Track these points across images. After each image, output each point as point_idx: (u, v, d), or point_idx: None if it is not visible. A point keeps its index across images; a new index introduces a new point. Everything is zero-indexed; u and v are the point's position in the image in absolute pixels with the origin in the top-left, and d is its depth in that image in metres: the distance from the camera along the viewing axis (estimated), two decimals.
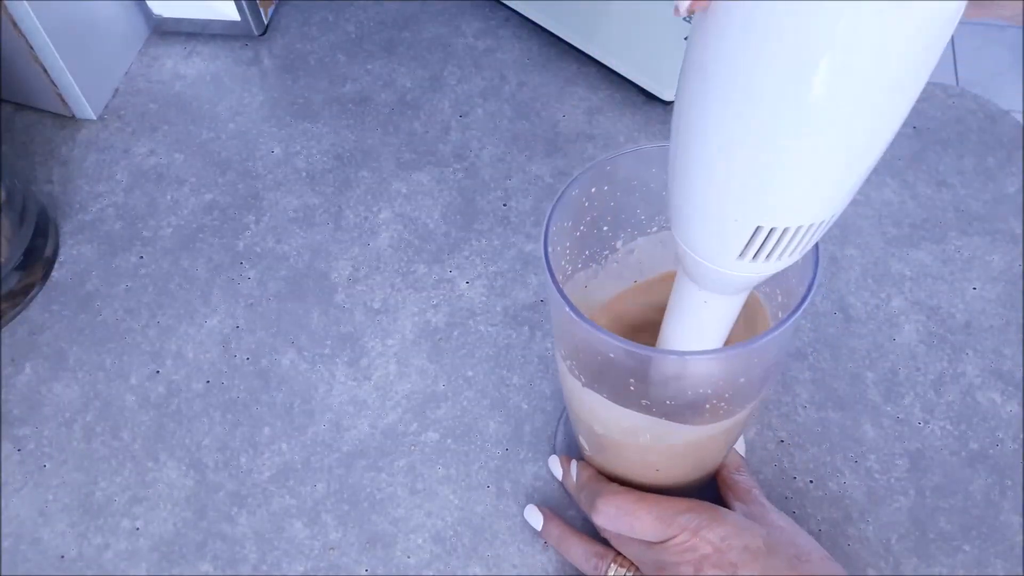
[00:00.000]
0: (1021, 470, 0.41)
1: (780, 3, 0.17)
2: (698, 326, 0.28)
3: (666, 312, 0.30)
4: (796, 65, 0.18)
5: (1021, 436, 0.42)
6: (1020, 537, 0.39)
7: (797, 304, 0.26)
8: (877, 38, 0.17)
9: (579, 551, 0.37)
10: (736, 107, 0.20)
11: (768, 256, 0.23)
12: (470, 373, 0.46)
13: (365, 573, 0.40)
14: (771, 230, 0.22)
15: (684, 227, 0.24)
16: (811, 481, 0.41)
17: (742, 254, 0.23)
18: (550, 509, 0.40)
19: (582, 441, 0.36)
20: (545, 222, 0.28)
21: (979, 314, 0.46)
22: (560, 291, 0.27)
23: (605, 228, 0.33)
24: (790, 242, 0.23)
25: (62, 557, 0.41)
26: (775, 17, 0.17)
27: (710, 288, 0.26)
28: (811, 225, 0.22)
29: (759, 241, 0.22)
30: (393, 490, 0.42)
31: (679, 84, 0.21)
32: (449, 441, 0.43)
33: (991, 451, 0.42)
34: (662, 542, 0.33)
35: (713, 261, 0.24)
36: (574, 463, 0.38)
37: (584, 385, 0.30)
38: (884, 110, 0.19)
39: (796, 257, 0.24)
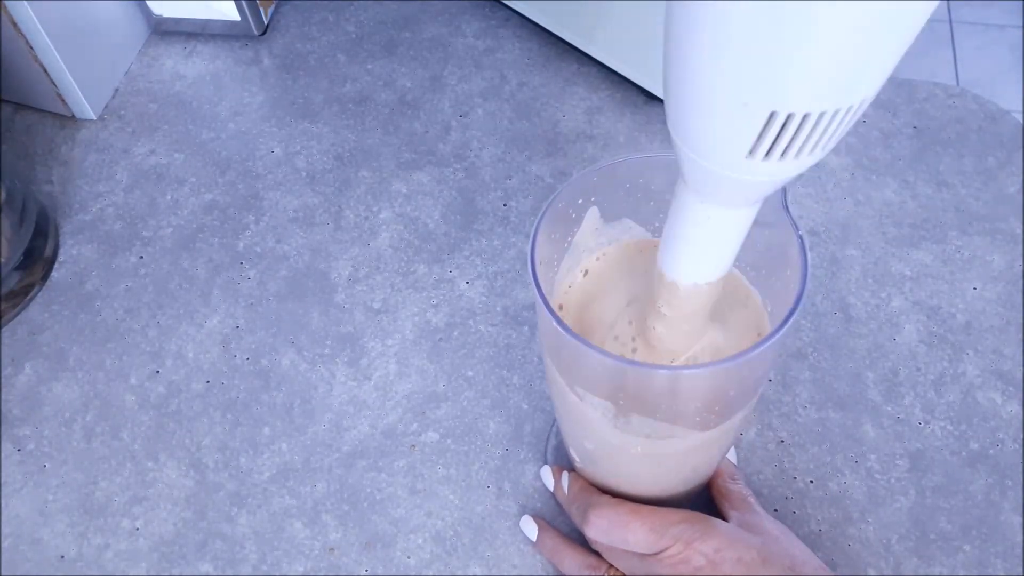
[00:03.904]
0: (1021, 470, 0.41)
1: None
2: (701, 248, 0.25)
3: (663, 235, 0.26)
4: None
5: (1021, 436, 0.42)
6: (1020, 537, 0.39)
7: (785, 318, 0.25)
8: None
9: (572, 563, 0.37)
10: None
11: (784, 153, 0.20)
12: (470, 373, 0.46)
13: (365, 573, 0.40)
14: (788, 117, 0.19)
15: (685, 121, 0.21)
16: (811, 481, 0.41)
17: (753, 150, 0.20)
18: (545, 520, 0.40)
19: (573, 453, 0.36)
20: (531, 238, 0.28)
21: (979, 314, 0.46)
22: (547, 304, 0.26)
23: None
24: (810, 134, 0.19)
25: (62, 557, 0.41)
26: None
27: (715, 200, 0.23)
28: (836, 111, 0.19)
29: (773, 132, 0.19)
30: (393, 490, 0.42)
31: None
32: (449, 441, 0.43)
33: (991, 451, 0.42)
34: (655, 554, 0.32)
35: (720, 162, 0.21)
36: (565, 474, 0.38)
37: (573, 399, 0.30)
38: None
39: (816, 156, 0.20)
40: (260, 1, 0.62)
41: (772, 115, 0.19)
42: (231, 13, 0.61)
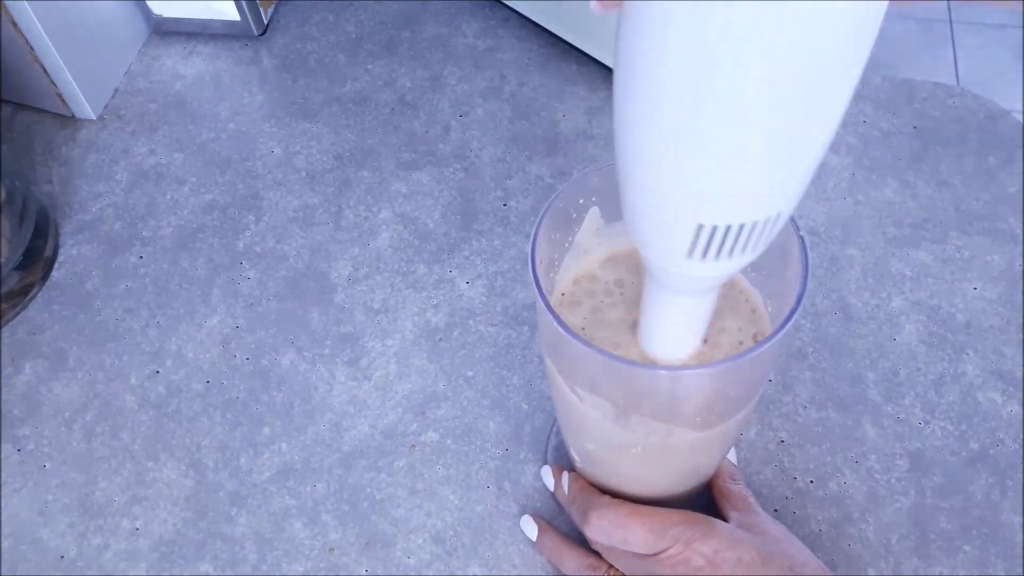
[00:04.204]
0: (1021, 470, 0.41)
1: (676, 3, 0.17)
2: (671, 327, 0.28)
3: (640, 311, 0.29)
4: (706, 62, 0.17)
5: (1021, 436, 0.42)
6: (1020, 537, 0.39)
7: (785, 318, 0.25)
8: (793, 32, 0.16)
9: (572, 563, 0.37)
10: (658, 104, 0.19)
11: (718, 254, 0.22)
12: (470, 373, 0.46)
13: (365, 573, 0.40)
14: (714, 228, 0.21)
15: (633, 226, 0.24)
16: (812, 481, 0.41)
17: (690, 253, 0.22)
18: (545, 520, 0.40)
19: (573, 453, 0.36)
20: (532, 238, 0.28)
21: (979, 314, 0.46)
22: (547, 304, 0.26)
23: None
24: (737, 240, 0.21)
25: (62, 557, 0.41)
26: (675, 16, 0.17)
27: (672, 289, 0.25)
28: (755, 223, 0.21)
29: (704, 239, 0.21)
30: (393, 490, 0.42)
31: (613, 80, 0.20)
32: (449, 441, 0.43)
33: (991, 451, 0.42)
34: (655, 555, 0.32)
35: (665, 260, 0.23)
36: (565, 474, 0.38)
37: (573, 399, 0.30)
38: (813, 106, 0.19)
39: (750, 256, 0.23)
40: (260, 1, 0.62)
41: (700, 226, 0.21)
42: (231, 13, 0.61)
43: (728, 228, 0.21)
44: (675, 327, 0.28)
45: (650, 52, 0.18)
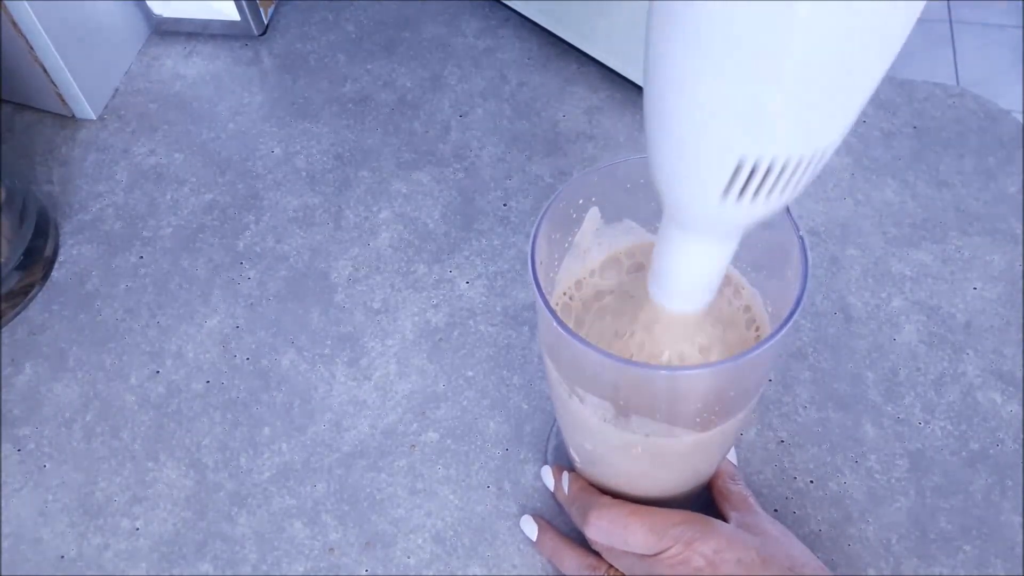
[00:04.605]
0: (1021, 470, 0.41)
1: None
2: (687, 275, 0.27)
3: (652, 262, 0.28)
4: None
5: (1021, 436, 0.42)
6: (1020, 537, 0.39)
7: (785, 319, 0.25)
8: None
9: (572, 563, 0.37)
10: (709, 23, 0.18)
11: (755, 195, 0.21)
12: (470, 373, 0.46)
13: (365, 573, 0.40)
14: (756, 163, 0.20)
15: (664, 166, 0.22)
16: (811, 481, 0.41)
17: (726, 192, 0.21)
18: (545, 519, 0.40)
19: (573, 453, 0.36)
20: (532, 238, 0.28)
21: (979, 314, 0.46)
22: (547, 304, 0.26)
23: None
24: (778, 178, 0.21)
25: (62, 557, 0.41)
26: None
27: (696, 233, 0.24)
28: (800, 157, 0.20)
29: (743, 177, 0.20)
30: (393, 490, 0.42)
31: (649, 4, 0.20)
32: (449, 441, 0.43)
33: (991, 451, 0.42)
34: (655, 555, 0.32)
35: (696, 202, 0.22)
36: (565, 474, 0.38)
37: (573, 399, 0.30)
38: (876, 25, 0.17)
39: (787, 198, 0.22)
40: (260, 1, 0.62)
41: (741, 161, 0.20)
42: (231, 13, 0.61)
43: (772, 163, 0.20)
44: (691, 275, 0.27)
45: None
